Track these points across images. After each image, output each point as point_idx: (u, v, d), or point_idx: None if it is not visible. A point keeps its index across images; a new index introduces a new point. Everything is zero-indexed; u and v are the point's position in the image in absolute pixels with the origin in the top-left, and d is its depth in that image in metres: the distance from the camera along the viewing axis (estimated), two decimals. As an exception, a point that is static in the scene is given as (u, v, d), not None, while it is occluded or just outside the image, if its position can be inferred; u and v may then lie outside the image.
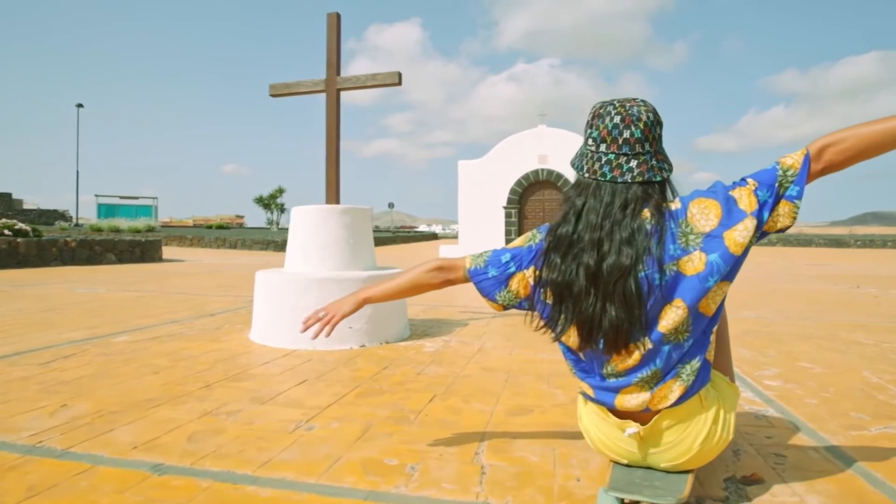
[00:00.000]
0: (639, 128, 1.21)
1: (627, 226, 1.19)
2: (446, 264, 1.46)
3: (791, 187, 1.20)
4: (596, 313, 1.18)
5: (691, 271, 1.18)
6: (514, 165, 18.22)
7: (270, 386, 2.28)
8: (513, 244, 1.41)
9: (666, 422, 1.24)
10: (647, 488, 1.22)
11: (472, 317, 4.38)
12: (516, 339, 3.42)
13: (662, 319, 1.19)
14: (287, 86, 3.64)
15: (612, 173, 1.22)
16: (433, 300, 5.41)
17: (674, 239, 1.19)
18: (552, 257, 1.25)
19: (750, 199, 1.20)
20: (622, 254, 1.17)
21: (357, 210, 3.40)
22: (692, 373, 1.22)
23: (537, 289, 1.30)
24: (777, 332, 3.74)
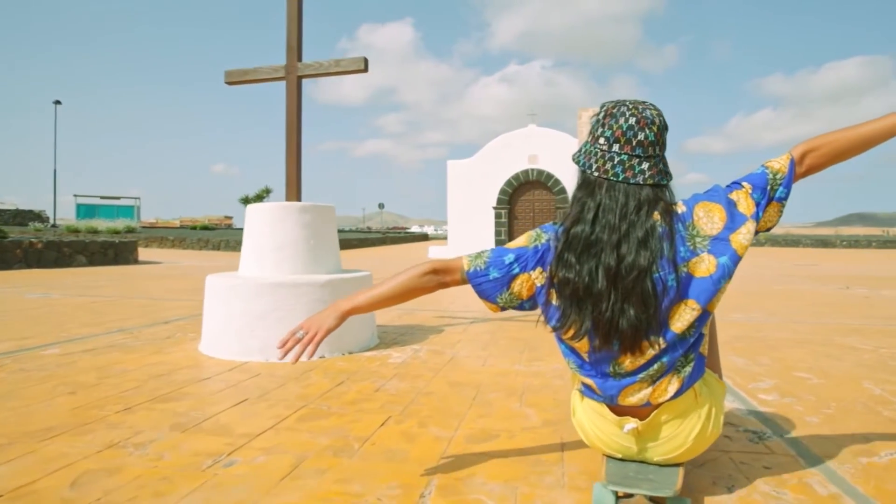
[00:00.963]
0: (653, 131, 1.23)
1: (642, 227, 1.19)
2: (441, 266, 1.38)
3: (780, 189, 1.28)
4: (615, 314, 1.18)
5: (703, 273, 1.21)
6: (504, 165, 17.99)
7: (202, 408, 2.00)
8: (515, 244, 1.36)
9: (664, 416, 1.25)
10: (643, 482, 1.23)
11: (451, 322, 4.12)
12: (492, 348, 3.16)
13: (676, 320, 1.21)
14: (244, 72, 3.36)
15: (625, 174, 1.22)
16: (410, 304, 5.14)
17: (683, 241, 1.22)
18: (567, 257, 1.22)
19: (748, 202, 1.26)
20: (640, 255, 1.18)
21: (318, 208, 3.13)
22: (688, 365, 1.24)
23: (544, 290, 1.29)
24: (769, 337, 3.51)
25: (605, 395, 1.28)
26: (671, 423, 1.26)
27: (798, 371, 2.63)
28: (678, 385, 1.24)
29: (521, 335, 3.58)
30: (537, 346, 3.23)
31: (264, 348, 2.75)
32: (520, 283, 1.31)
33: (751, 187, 1.27)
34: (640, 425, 1.25)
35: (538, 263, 1.30)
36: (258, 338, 2.76)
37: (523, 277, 1.31)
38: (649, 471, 1.27)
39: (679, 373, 1.24)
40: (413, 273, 1.38)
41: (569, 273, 1.21)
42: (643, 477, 1.25)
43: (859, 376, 2.55)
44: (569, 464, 1.54)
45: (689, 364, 1.25)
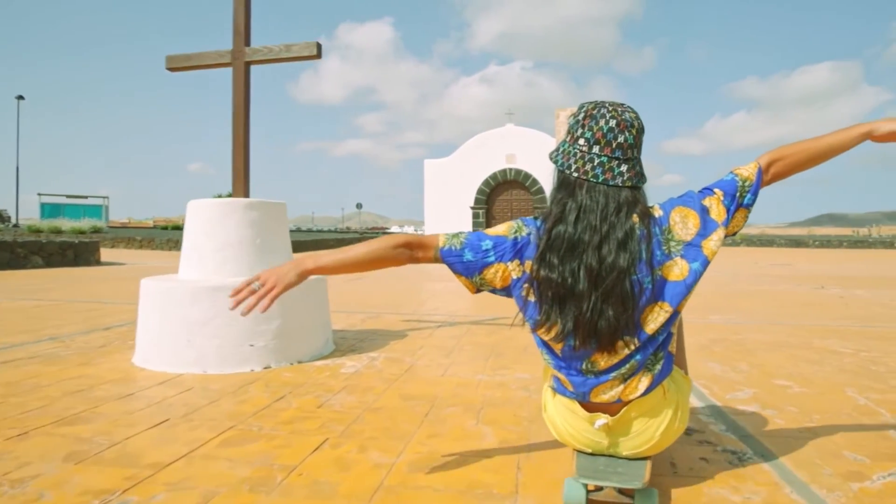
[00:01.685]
0: (632, 133, 1.25)
1: (622, 228, 1.21)
2: (415, 241, 1.38)
3: (748, 196, 1.33)
4: (594, 315, 1.20)
5: (676, 277, 1.24)
6: (482, 165, 17.82)
7: (112, 432, 1.75)
8: (494, 231, 1.35)
9: (634, 412, 1.28)
10: (613, 475, 1.26)
11: (416, 326, 3.89)
12: (456, 355, 2.95)
13: (650, 321, 1.24)
14: (187, 58, 3.09)
15: (605, 175, 1.24)
16: (377, 307, 4.91)
17: (659, 245, 1.25)
18: (549, 257, 1.23)
19: (719, 208, 1.30)
20: (620, 256, 1.20)
21: (267, 205, 2.88)
22: (657, 363, 1.27)
23: (520, 284, 1.29)
24: (747, 341, 3.36)
25: (577, 391, 1.30)
26: (641, 419, 1.29)
27: (778, 378, 2.47)
28: (648, 382, 1.26)
29: (487, 340, 3.37)
30: (503, 352, 3.03)
31: (201, 359, 2.50)
32: (494, 271, 1.31)
33: (722, 194, 1.31)
34: (611, 421, 1.27)
35: (516, 256, 1.30)
36: (195, 347, 2.51)
37: (499, 267, 1.31)
38: (618, 464, 1.30)
39: (650, 370, 1.27)
40: (385, 243, 1.37)
41: (551, 273, 1.22)
42: (612, 470, 1.28)
43: (841, 383, 2.39)
44: (524, 498, 1.33)
45: (658, 362, 1.28)
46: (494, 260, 1.31)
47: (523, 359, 2.86)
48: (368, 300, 5.47)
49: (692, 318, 4.28)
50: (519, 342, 3.30)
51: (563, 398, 1.34)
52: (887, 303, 5.48)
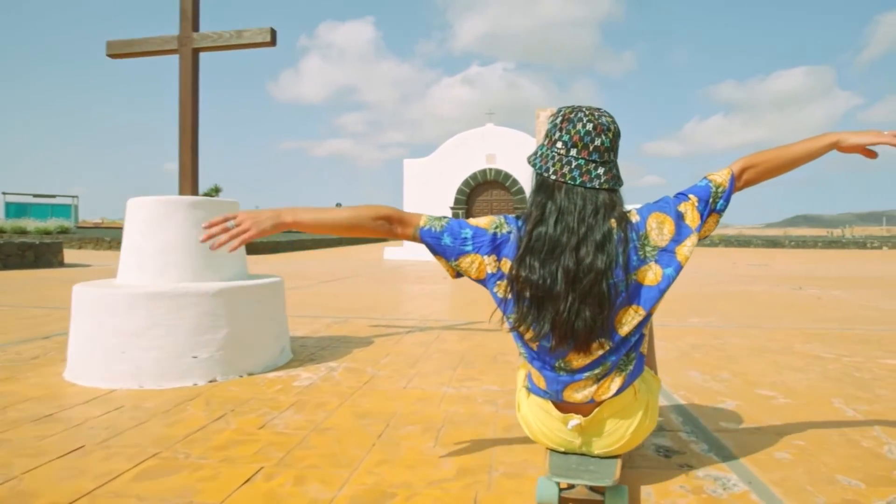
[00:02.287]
0: (608, 137, 1.27)
1: (600, 230, 1.23)
2: (397, 216, 1.39)
3: (720, 202, 1.35)
4: (571, 315, 1.21)
5: (650, 282, 1.27)
6: (462, 165, 17.64)
7: (14, 462, 1.52)
8: (476, 222, 1.37)
9: (606, 412, 1.30)
10: (584, 473, 1.28)
11: (385, 332, 3.69)
12: (422, 364, 2.76)
13: (624, 324, 1.26)
14: (129, 44, 2.85)
15: (582, 178, 1.26)
16: (346, 311, 4.70)
17: (635, 250, 1.27)
18: (529, 260, 1.25)
19: (694, 214, 1.32)
20: (598, 258, 1.21)
21: (215, 203, 2.65)
22: (630, 363, 1.30)
23: (494, 279, 1.31)
24: (728, 346, 3.23)
25: (550, 389, 1.31)
26: (613, 419, 1.31)
27: (761, 388, 2.32)
28: (620, 383, 1.29)
29: (458, 347, 3.18)
30: (473, 360, 2.84)
31: (137, 373, 2.27)
32: (470, 261, 1.33)
33: (697, 200, 1.33)
34: (584, 422, 1.29)
35: (493, 251, 1.32)
36: (131, 360, 2.27)
37: (475, 258, 1.33)
38: (590, 462, 1.32)
39: (622, 371, 1.29)
40: (367, 212, 1.38)
41: (532, 275, 1.23)
42: (584, 468, 1.29)
43: (827, 392, 2.25)
44: (477, 542, 1.14)
45: (630, 363, 1.30)
46: (472, 250, 1.33)
47: (493, 368, 2.67)
48: (338, 303, 5.24)
49: (671, 322, 4.14)
50: (490, 349, 3.12)
51: (538, 398, 1.36)
52: (864, 304, 5.43)
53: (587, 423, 1.29)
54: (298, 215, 1.37)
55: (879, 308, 5.11)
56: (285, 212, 1.36)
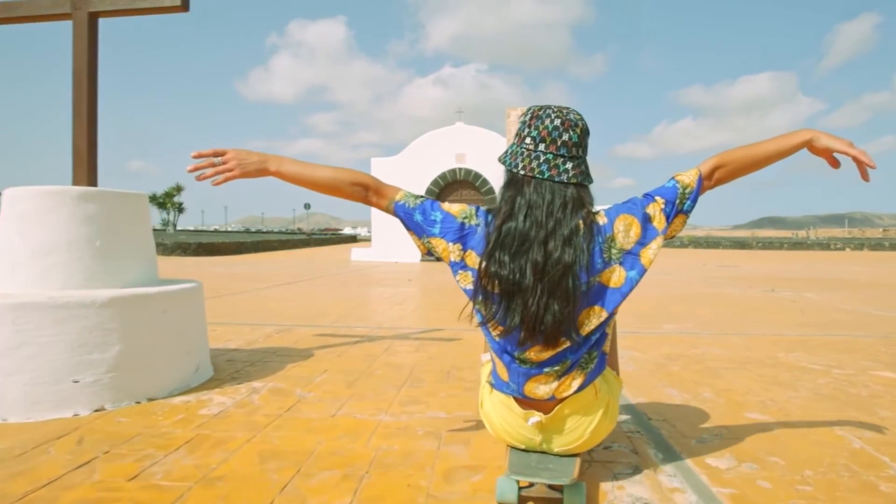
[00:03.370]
0: (576, 132, 1.29)
1: (567, 225, 1.24)
2: (375, 185, 1.41)
3: (687, 203, 1.35)
4: (540, 309, 1.22)
5: (614, 284, 1.28)
6: (431, 164, 17.26)
7: None
8: (448, 208, 1.37)
9: (567, 410, 1.31)
10: (543, 471, 1.28)
11: (330, 342, 3.29)
12: (363, 382, 2.37)
13: (586, 324, 1.27)
14: (13, 6, 2.39)
15: (550, 172, 1.27)
16: (294, 318, 4.27)
17: (600, 253, 1.27)
18: (499, 255, 1.25)
19: (660, 217, 1.32)
20: (565, 252, 1.22)
21: (111, 196, 2.22)
22: (591, 362, 1.31)
23: (458, 268, 1.33)
24: (707, 357, 2.93)
25: (512, 382, 1.32)
26: (573, 417, 1.31)
27: (750, 410, 2.00)
28: (581, 381, 1.29)
29: (408, 360, 2.81)
30: (423, 377, 2.47)
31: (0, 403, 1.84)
32: (435, 243, 1.35)
33: (663, 202, 1.32)
34: (545, 419, 1.29)
35: (459, 240, 1.33)
36: (-10, 386, 1.84)
37: (440, 241, 1.34)
38: (549, 461, 1.32)
39: (583, 369, 1.30)
40: (347, 175, 1.41)
41: (501, 270, 1.23)
42: (543, 467, 1.29)
43: (825, 415, 1.95)
44: None
45: (592, 361, 1.30)
46: (438, 234, 1.34)
47: (443, 387, 2.31)
48: (288, 309, 4.82)
49: (645, 329, 3.85)
50: (444, 362, 2.76)
51: (500, 394, 1.36)
52: (840, 306, 5.24)
53: (548, 420, 1.29)
54: (282, 166, 1.41)
55: (854, 311, 4.92)
56: (271, 160, 1.41)
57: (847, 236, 40.22)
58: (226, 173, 1.37)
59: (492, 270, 1.25)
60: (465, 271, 1.32)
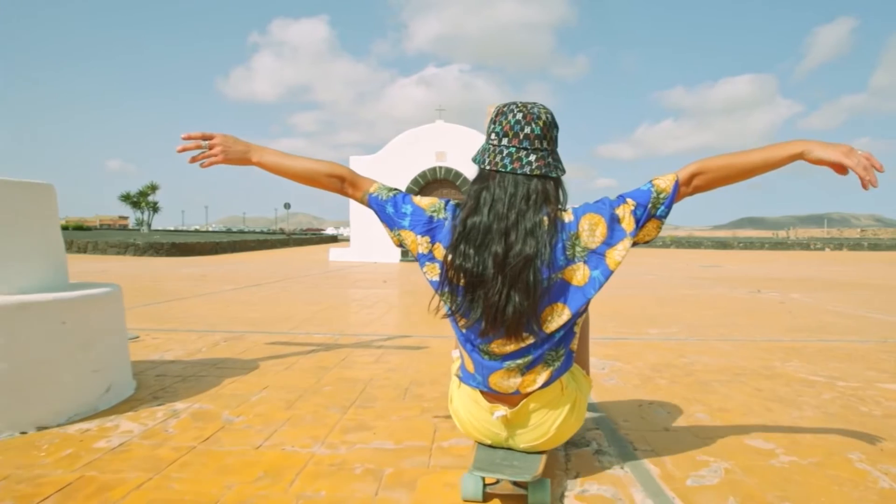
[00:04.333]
0: (539, 125, 1.29)
1: (531, 218, 1.25)
2: (351, 178, 1.45)
3: (661, 208, 1.31)
4: (502, 300, 1.22)
5: (577, 282, 1.27)
6: (411, 162, 16.93)
7: None
8: (418, 202, 1.39)
9: (532, 405, 1.31)
10: (507, 468, 1.27)
11: (281, 352, 2.96)
12: (304, 401, 2.05)
13: (548, 321, 1.26)
14: None
15: (513, 165, 1.28)
16: (249, 324, 3.92)
17: (563, 250, 1.26)
18: (464, 248, 1.26)
19: (630, 219, 1.29)
20: (527, 244, 1.23)
21: (2, 185, 1.86)
22: (558, 359, 1.31)
23: (425, 259, 1.34)
24: (697, 366, 2.65)
25: (477, 374, 1.33)
26: (539, 412, 1.31)
27: (751, 435, 1.72)
28: (547, 377, 1.30)
29: (364, 373, 2.49)
30: (375, 395, 2.15)
31: None
32: (404, 236, 1.37)
33: (634, 204, 1.30)
34: (510, 413, 1.30)
35: (427, 233, 1.35)
36: None
37: (409, 234, 1.36)
38: (514, 457, 1.33)
39: (549, 365, 1.30)
40: (323, 167, 1.45)
41: (466, 263, 1.25)
42: (508, 463, 1.29)
43: (838, 442, 1.67)
44: None
45: (559, 358, 1.31)
46: (408, 226, 1.36)
47: (397, 408, 1.99)
48: (247, 314, 4.46)
49: (628, 334, 3.56)
50: (404, 376, 2.44)
51: (468, 388, 1.37)
52: (830, 308, 5.03)
53: (513, 414, 1.30)
54: (264, 157, 1.46)
55: (845, 314, 4.70)
56: (254, 151, 1.46)
57: (826, 236, 40.71)
58: (211, 157, 1.44)
59: (457, 263, 1.26)
60: (432, 263, 1.33)
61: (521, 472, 1.25)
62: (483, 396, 1.33)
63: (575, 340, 1.34)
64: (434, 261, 1.33)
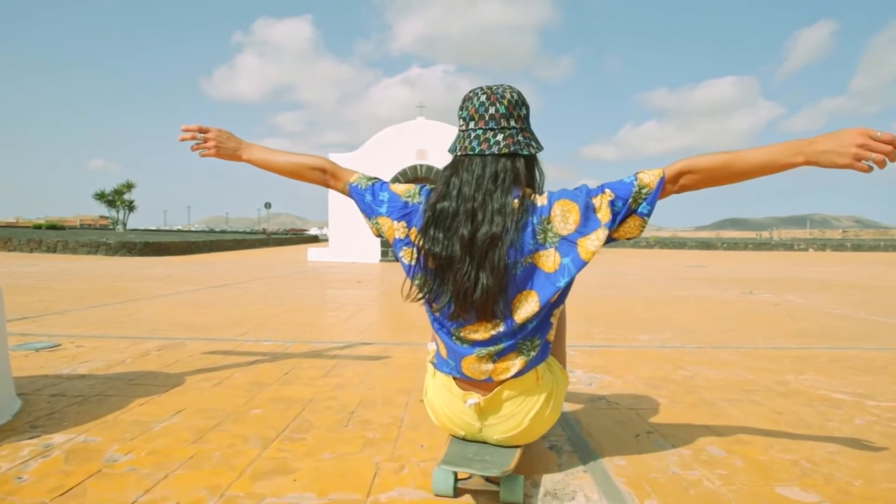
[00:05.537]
0: (503, 104, 1.28)
1: (498, 198, 1.24)
2: (332, 169, 1.49)
3: (643, 204, 1.25)
4: (470, 281, 1.22)
5: (547, 268, 1.24)
6: (391, 160, 16.47)
7: None
8: (395, 188, 1.40)
9: (506, 392, 1.29)
10: (478, 462, 1.24)
11: (218, 363, 2.54)
12: (216, 436, 1.63)
13: (519, 309, 1.24)
14: None
15: (481, 146, 1.28)
16: (193, 330, 3.48)
17: (533, 234, 1.24)
18: (433, 232, 1.26)
19: (606, 210, 1.24)
20: (494, 223, 1.21)
21: None
22: (533, 349, 1.29)
23: (401, 244, 1.35)
24: (700, 382, 2.27)
25: (450, 359, 1.32)
26: (512, 401, 1.29)
27: (783, 481, 1.33)
28: (521, 365, 1.27)
29: (305, 391, 2.07)
30: (314, 419, 1.74)
31: None
32: (383, 222, 1.38)
33: (613, 196, 1.25)
34: (483, 401, 1.29)
35: (403, 218, 1.35)
36: None
37: (385, 220, 1.37)
38: (486, 452, 1.30)
39: (523, 354, 1.27)
40: (305, 161, 1.50)
41: (435, 247, 1.25)
42: (479, 458, 1.26)
43: (891, 488, 1.29)
44: None
45: (535, 348, 1.29)
46: (385, 213, 1.37)
47: (335, 440, 1.58)
48: (196, 317, 4.01)
49: (617, 341, 3.19)
50: (352, 395, 2.03)
51: (441, 375, 1.36)
52: (829, 311, 4.71)
53: (486, 402, 1.28)
54: (253, 154, 1.54)
55: (848, 317, 4.38)
56: (244, 148, 1.55)
57: (809, 237, 41.01)
58: (207, 150, 1.52)
59: (426, 247, 1.26)
60: (408, 248, 1.33)
61: (492, 467, 1.21)
62: (456, 384, 1.32)
63: (551, 332, 1.32)
64: (410, 245, 1.33)
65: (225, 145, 1.53)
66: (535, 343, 1.28)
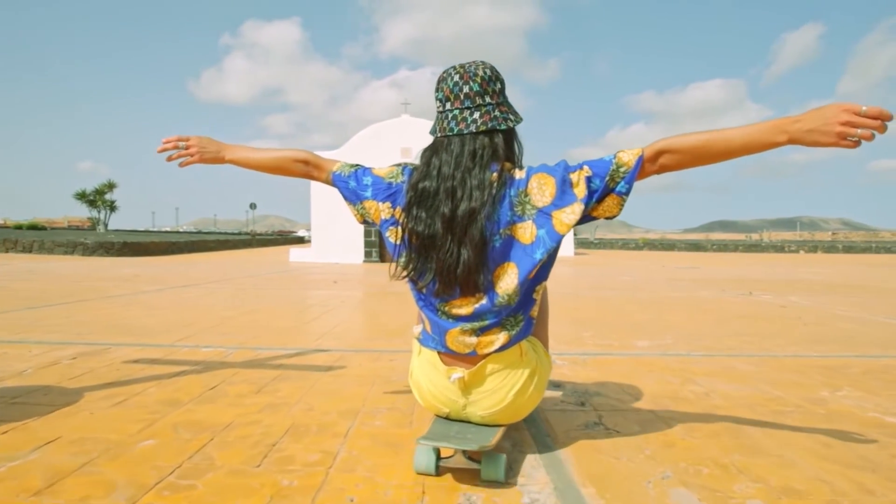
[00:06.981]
0: (476, 82, 1.30)
1: (477, 175, 1.26)
2: (315, 161, 1.50)
3: (621, 183, 1.26)
4: (452, 258, 1.23)
5: (524, 240, 1.25)
6: (375, 159, 15.97)
7: None
8: (378, 172, 1.43)
9: (490, 366, 1.30)
10: (459, 439, 1.24)
11: (136, 376, 2.09)
12: (68, 486, 1.18)
13: (499, 281, 1.26)
14: None
15: (458, 126, 1.30)
16: (125, 335, 3.02)
17: (511, 206, 1.26)
18: (416, 212, 1.28)
19: (583, 185, 1.25)
20: (473, 198, 1.23)
21: None
22: (517, 325, 1.30)
23: (387, 225, 1.35)
24: (715, 399, 1.86)
25: (435, 333, 1.33)
26: (496, 375, 1.30)
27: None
28: (505, 339, 1.28)
29: (225, 413, 1.63)
30: (215, 457, 1.30)
31: None
32: (367, 206, 1.39)
33: (591, 173, 1.26)
34: (467, 375, 1.29)
35: (388, 199, 1.37)
36: None
37: (371, 203, 1.38)
38: (468, 430, 1.31)
39: (507, 329, 1.29)
40: (287, 154, 1.52)
41: (418, 226, 1.27)
42: (461, 436, 1.27)
43: None
44: None
45: (518, 325, 1.30)
46: (370, 196, 1.38)
47: (226, 496, 1.14)
48: (142, 320, 3.54)
49: (612, 347, 2.77)
50: (281, 420, 1.59)
51: (427, 351, 1.36)
52: (840, 313, 4.33)
53: (470, 375, 1.29)
54: (236, 154, 1.57)
55: (861, 319, 4.00)
56: (226, 149, 1.58)
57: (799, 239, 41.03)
58: (187, 157, 1.55)
59: (410, 226, 1.28)
60: (394, 227, 1.34)
61: (472, 443, 1.21)
62: (441, 359, 1.33)
63: (535, 308, 1.33)
64: (396, 224, 1.33)
65: (207, 149, 1.57)
66: (519, 319, 1.30)
